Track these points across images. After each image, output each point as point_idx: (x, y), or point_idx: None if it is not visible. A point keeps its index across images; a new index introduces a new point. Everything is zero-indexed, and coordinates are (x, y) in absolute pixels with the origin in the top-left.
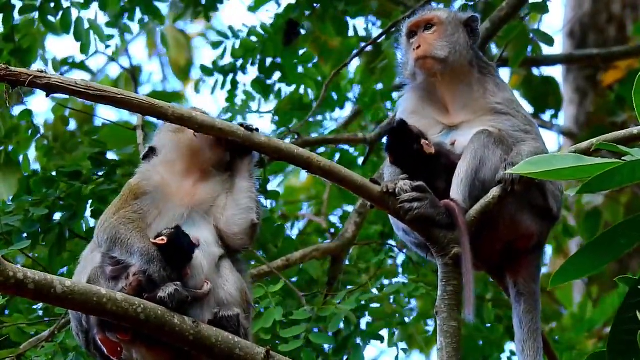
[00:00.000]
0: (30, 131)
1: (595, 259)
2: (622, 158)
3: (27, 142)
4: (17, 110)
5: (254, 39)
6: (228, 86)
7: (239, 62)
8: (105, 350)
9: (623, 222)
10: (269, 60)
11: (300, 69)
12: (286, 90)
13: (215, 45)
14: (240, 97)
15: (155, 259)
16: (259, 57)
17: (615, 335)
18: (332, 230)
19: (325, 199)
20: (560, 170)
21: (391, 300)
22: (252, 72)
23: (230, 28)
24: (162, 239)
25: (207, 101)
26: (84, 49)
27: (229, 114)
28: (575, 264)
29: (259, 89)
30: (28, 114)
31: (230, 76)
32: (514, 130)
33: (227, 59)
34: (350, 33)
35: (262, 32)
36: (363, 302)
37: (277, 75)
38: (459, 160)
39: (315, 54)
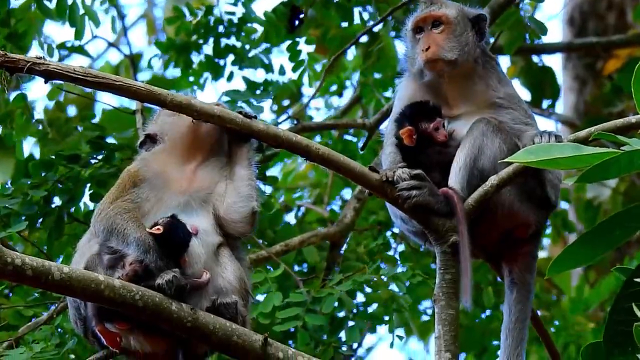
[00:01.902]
0: (24, 116)
1: (591, 250)
2: (621, 148)
3: (23, 128)
4: (12, 95)
5: (256, 25)
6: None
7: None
8: (104, 341)
9: (618, 213)
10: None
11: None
12: (238, 73)
13: (171, 21)
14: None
15: (152, 248)
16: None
17: (612, 326)
18: (335, 224)
19: (328, 187)
20: (559, 159)
21: (391, 287)
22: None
23: (188, 5)
24: (158, 229)
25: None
26: (78, 35)
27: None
28: (571, 254)
29: (210, 68)
30: (22, 98)
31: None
32: (514, 123)
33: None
34: (356, 20)
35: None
36: (367, 291)
37: (230, 57)
38: (455, 150)
39: (316, 41)
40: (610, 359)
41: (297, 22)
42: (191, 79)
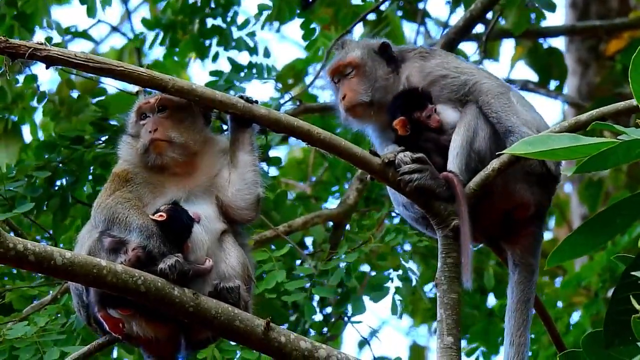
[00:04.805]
0: (36, 97)
1: (592, 239)
2: (618, 137)
3: (32, 109)
4: (21, 77)
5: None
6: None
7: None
8: (106, 327)
9: (619, 201)
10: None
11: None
12: (224, 54)
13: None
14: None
15: (155, 234)
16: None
17: (612, 316)
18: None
19: (310, 164)
20: (556, 150)
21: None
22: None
23: None
24: (161, 215)
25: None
26: (91, 13)
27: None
28: (572, 244)
29: (195, 48)
30: (32, 79)
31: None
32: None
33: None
34: None
35: None
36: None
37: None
38: (451, 135)
39: (329, 18)
40: (610, 348)
41: (310, 0)
42: (176, 58)
